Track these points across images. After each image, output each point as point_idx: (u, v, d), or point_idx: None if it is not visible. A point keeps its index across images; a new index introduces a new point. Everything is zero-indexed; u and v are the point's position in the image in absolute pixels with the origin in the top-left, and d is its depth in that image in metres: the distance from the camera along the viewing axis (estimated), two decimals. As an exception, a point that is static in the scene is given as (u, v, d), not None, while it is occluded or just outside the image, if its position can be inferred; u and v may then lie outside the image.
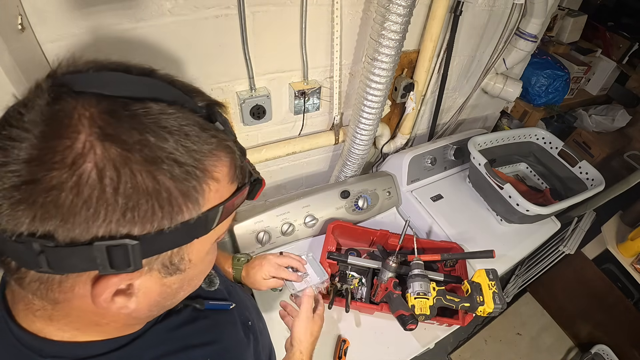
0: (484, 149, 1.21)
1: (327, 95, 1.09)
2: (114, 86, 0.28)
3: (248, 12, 0.80)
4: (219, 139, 0.32)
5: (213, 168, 0.31)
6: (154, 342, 0.42)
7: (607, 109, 1.94)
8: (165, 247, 0.31)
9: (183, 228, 0.30)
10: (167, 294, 0.36)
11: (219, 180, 0.32)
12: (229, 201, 0.34)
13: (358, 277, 0.99)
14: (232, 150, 0.34)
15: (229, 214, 0.35)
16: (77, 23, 0.67)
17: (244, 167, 0.37)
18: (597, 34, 2.07)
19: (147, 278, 0.32)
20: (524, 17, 1.16)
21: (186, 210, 0.30)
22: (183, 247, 0.32)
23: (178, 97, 0.31)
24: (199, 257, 0.36)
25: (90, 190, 0.25)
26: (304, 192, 1.13)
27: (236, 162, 0.35)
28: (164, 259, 0.32)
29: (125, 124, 0.27)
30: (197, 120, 0.31)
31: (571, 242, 1.52)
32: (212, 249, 0.39)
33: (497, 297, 0.82)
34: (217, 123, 0.33)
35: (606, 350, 1.68)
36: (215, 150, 0.32)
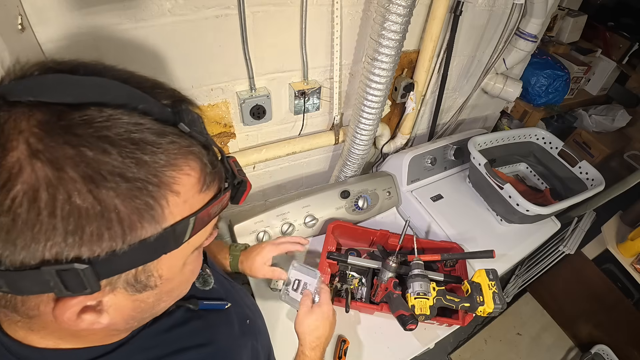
0: (484, 149, 1.21)
1: (327, 95, 1.09)
2: (52, 92, 0.25)
3: (248, 12, 0.80)
4: (180, 145, 0.29)
5: (172, 180, 0.28)
6: (142, 347, 0.40)
7: (607, 109, 1.94)
8: (124, 267, 0.29)
9: (142, 247, 0.28)
10: (142, 308, 0.34)
11: (181, 193, 0.29)
12: (202, 211, 0.31)
13: (358, 277, 0.99)
14: (199, 155, 0.31)
15: (206, 224, 0.33)
16: (77, 23, 0.67)
17: (219, 172, 0.34)
18: (597, 34, 2.07)
19: (114, 296, 0.31)
20: (524, 17, 1.16)
21: (142, 229, 0.27)
22: (150, 264, 0.30)
23: (130, 99, 0.28)
24: (173, 272, 0.34)
25: (26, 214, 0.23)
26: (304, 192, 1.13)
27: (206, 169, 0.31)
28: (128, 278, 0.30)
29: (58, 137, 0.24)
30: (152, 125, 0.28)
31: (571, 242, 1.52)
32: (193, 258, 0.37)
33: (497, 297, 0.82)
34: (181, 125, 0.29)
35: (606, 350, 1.68)
36: (175, 159, 0.28)
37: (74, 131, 0.25)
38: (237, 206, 1.29)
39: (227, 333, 0.52)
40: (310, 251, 1.06)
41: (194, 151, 0.30)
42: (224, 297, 0.56)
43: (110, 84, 0.28)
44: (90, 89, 0.27)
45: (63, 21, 0.65)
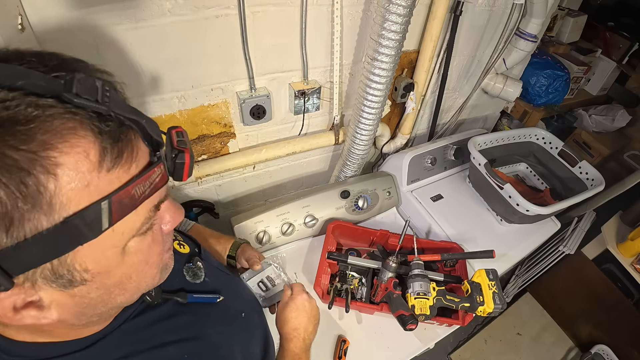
0: (484, 149, 1.21)
1: (327, 95, 1.09)
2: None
3: (248, 12, 0.80)
4: (65, 120, 0.25)
5: (52, 162, 0.25)
6: (122, 341, 0.40)
7: (607, 109, 1.94)
8: (31, 262, 0.26)
9: (39, 240, 0.25)
10: (87, 304, 0.32)
11: (65, 175, 0.25)
12: (118, 193, 0.28)
13: (358, 277, 0.99)
14: (93, 128, 0.27)
15: (132, 207, 0.29)
16: (77, 23, 0.67)
17: (132, 145, 0.30)
18: (597, 34, 2.07)
19: (46, 291, 0.29)
20: (524, 17, 1.16)
21: (29, 220, 0.24)
22: (65, 257, 0.28)
23: (7, 77, 0.25)
24: (105, 264, 0.31)
25: None
26: (304, 192, 1.13)
27: (103, 142, 0.27)
28: (45, 273, 0.27)
29: None
30: (27, 100, 0.25)
31: (571, 242, 1.52)
32: (137, 247, 0.33)
33: (497, 297, 0.82)
34: (64, 95, 0.26)
35: (606, 350, 1.68)
36: (55, 135, 0.25)
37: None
38: (239, 207, 1.30)
39: (218, 327, 0.50)
40: (311, 251, 1.06)
41: (81, 123, 0.26)
42: (217, 290, 0.55)
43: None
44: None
45: (63, 21, 0.65)
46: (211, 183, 1.16)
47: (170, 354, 0.42)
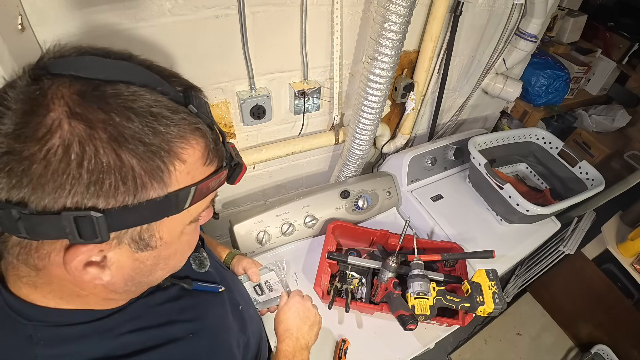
0: (484, 149, 1.21)
1: (327, 95, 1.09)
2: (89, 69, 0.30)
3: (248, 12, 0.80)
4: (189, 122, 0.33)
5: (181, 150, 0.32)
6: (134, 315, 0.43)
7: (607, 109, 1.94)
8: (132, 223, 0.32)
9: (149, 205, 0.31)
10: (140, 269, 0.37)
11: (187, 162, 0.33)
12: (202, 183, 0.35)
13: (358, 277, 0.99)
14: (204, 133, 0.35)
15: (204, 196, 0.36)
16: (77, 23, 0.67)
17: (220, 151, 0.38)
18: (597, 34, 2.07)
19: (118, 251, 0.34)
20: (524, 17, 1.16)
21: (151, 189, 0.31)
22: (153, 224, 0.34)
23: (151, 81, 0.32)
24: (172, 236, 0.37)
25: (57, 163, 0.27)
26: (304, 192, 1.13)
27: (209, 145, 0.35)
28: (133, 234, 0.33)
29: (93, 104, 0.29)
30: (168, 103, 0.32)
31: (571, 242, 1.52)
32: (190, 230, 0.40)
33: (497, 297, 0.82)
34: (190, 106, 0.34)
35: (606, 350, 1.68)
36: (184, 132, 0.33)
37: (106, 100, 0.29)
38: (239, 207, 1.30)
39: (218, 314, 0.54)
40: (311, 251, 1.07)
41: (201, 129, 0.34)
42: (218, 282, 0.58)
43: (135, 67, 0.33)
44: (120, 70, 0.32)
45: (63, 21, 0.65)
46: (211, 183, 1.16)
47: (177, 331, 0.45)
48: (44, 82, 0.29)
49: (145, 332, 0.43)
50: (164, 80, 0.34)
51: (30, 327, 0.37)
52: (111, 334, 0.41)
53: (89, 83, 0.30)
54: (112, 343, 0.40)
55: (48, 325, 0.38)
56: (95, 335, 0.40)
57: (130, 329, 0.42)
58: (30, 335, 0.37)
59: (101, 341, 0.40)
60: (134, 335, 0.42)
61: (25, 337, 0.36)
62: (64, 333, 0.38)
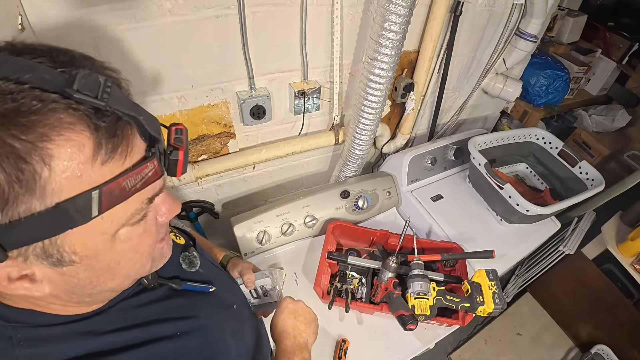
0: (484, 149, 1.22)
1: (327, 95, 1.09)
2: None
3: (248, 12, 0.80)
4: (66, 114, 0.27)
5: (48, 152, 0.27)
6: (118, 317, 0.42)
7: (607, 109, 1.94)
8: (24, 240, 0.29)
9: (32, 221, 0.27)
10: (76, 283, 0.35)
11: (67, 165, 0.28)
12: (109, 184, 0.30)
13: (358, 277, 0.99)
14: (89, 123, 0.29)
15: (122, 198, 0.31)
16: (77, 23, 0.67)
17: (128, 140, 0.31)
18: (597, 34, 2.07)
19: (38, 267, 0.31)
20: (524, 17, 1.16)
21: (24, 203, 0.27)
22: (55, 239, 0.30)
23: (14, 70, 0.27)
24: (92, 249, 0.33)
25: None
26: (304, 192, 1.13)
27: (100, 136, 0.29)
28: (36, 251, 0.30)
29: None
30: (34, 94, 0.27)
31: (571, 242, 1.52)
32: (129, 235, 0.35)
33: (497, 297, 0.82)
34: (67, 90, 0.28)
35: (606, 350, 1.68)
36: (55, 129, 0.27)
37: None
38: (239, 207, 1.30)
39: (210, 314, 0.53)
40: (311, 251, 1.07)
41: (80, 118, 0.28)
42: (210, 282, 0.57)
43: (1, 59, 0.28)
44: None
45: (63, 21, 0.65)
46: (211, 183, 1.16)
47: (164, 330, 0.44)
48: None
49: (128, 332, 0.42)
50: (43, 64, 0.29)
51: (10, 329, 0.36)
52: (92, 333, 0.40)
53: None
54: (93, 342, 0.40)
55: (28, 326, 0.37)
56: (75, 335, 0.39)
57: (112, 328, 0.41)
58: (10, 337, 0.36)
59: (82, 341, 0.39)
60: (116, 334, 0.41)
61: (6, 339, 0.36)
62: (44, 333, 0.38)
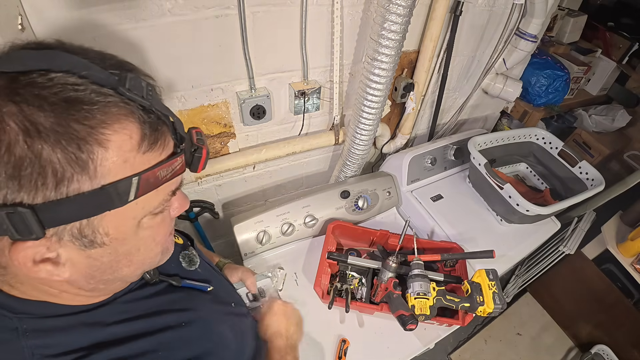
0: (484, 149, 1.22)
1: (327, 95, 1.09)
2: (11, 63, 0.30)
3: (248, 12, 0.80)
4: (118, 106, 0.31)
5: (105, 137, 0.30)
6: (122, 308, 0.44)
7: (607, 109, 1.94)
8: (65, 218, 0.31)
9: (79, 200, 0.30)
10: (98, 267, 0.37)
11: (115, 150, 0.31)
12: (146, 172, 0.33)
13: (358, 277, 0.99)
14: (138, 116, 0.32)
15: (155, 186, 0.34)
16: (77, 23, 0.67)
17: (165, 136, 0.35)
18: (597, 34, 2.07)
19: (68, 248, 0.33)
20: (524, 18, 1.16)
21: (77, 181, 0.29)
22: (93, 219, 0.32)
23: (74, 66, 0.30)
24: (122, 232, 0.35)
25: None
26: (304, 192, 1.13)
27: (145, 129, 0.33)
28: (72, 230, 0.32)
29: (5, 97, 0.28)
30: (92, 87, 0.30)
31: (571, 242, 1.52)
32: (151, 223, 0.38)
33: (497, 297, 0.82)
34: (120, 88, 0.32)
35: (606, 350, 1.68)
36: (111, 118, 0.31)
37: (18, 91, 0.28)
38: (239, 207, 1.30)
39: (209, 308, 0.54)
40: (311, 251, 1.07)
41: (132, 112, 0.32)
42: (208, 281, 0.58)
43: (57, 54, 0.31)
44: (40, 59, 0.30)
45: (63, 21, 0.65)
46: (211, 183, 1.16)
47: (168, 320, 0.46)
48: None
49: (134, 322, 0.43)
50: (95, 64, 0.32)
51: (16, 320, 0.37)
52: (98, 325, 0.41)
53: (7, 77, 0.29)
54: (99, 333, 0.40)
55: (33, 317, 0.38)
56: (81, 326, 0.40)
57: (117, 319, 0.42)
58: (16, 328, 0.37)
59: (88, 331, 0.40)
60: (122, 325, 0.42)
61: (11, 330, 0.37)
62: (50, 324, 0.38)
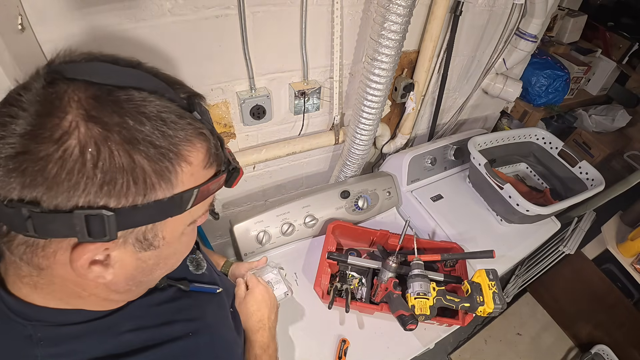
0: (484, 149, 1.22)
1: (327, 95, 1.09)
2: (101, 75, 0.32)
3: (248, 12, 0.80)
4: (195, 127, 0.35)
5: (187, 152, 0.34)
6: (134, 315, 0.44)
7: (607, 109, 1.94)
8: (139, 222, 0.33)
9: (156, 206, 0.32)
10: (142, 269, 0.38)
11: (193, 165, 0.34)
12: (204, 185, 0.36)
13: (358, 277, 0.99)
14: (207, 138, 0.36)
15: (204, 198, 0.38)
16: (77, 23, 0.67)
17: (220, 155, 0.39)
18: (597, 34, 2.07)
19: (122, 251, 0.35)
20: (524, 18, 1.16)
21: (159, 189, 0.32)
22: (157, 224, 0.35)
23: (159, 87, 0.34)
24: (174, 236, 0.38)
25: (73, 163, 0.28)
26: (304, 192, 1.13)
27: (211, 149, 0.37)
28: (138, 234, 0.34)
29: (108, 108, 0.30)
30: (176, 109, 0.34)
31: (571, 242, 1.52)
32: (189, 230, 0.41)
33: (497, 297, 0.82)
34: (194, 112, 0.36)
35: (606, 350, 1.68)
36: (190, 136, 0.34)
37: (121, 104, 0.31)
38: (239, 207, 1.30)
39: (215, 313, 0.55)
40: (311, 251, 1.06)
41: (204, 133, 0.36)
42: (214, 283, 0.59)
43: (143, 75, 0.35)
44: (129, 76, 0.33)
45: (63, 21, 0.65)
46: (211, 183, 1.15)
47: (176, 331, 0.46)
48: (59, 85, 0.30)
49: (144, 331, 0.43)
50: (170, 87, 0.35)
51: (30, 327, 0.37)
52: (111, 333, 0.41)
53: (102, 88, 0.31)
54: (112, 342, 0.41)
55: (48, 325, 0.38)
56: (95, 334, 0.40)
57: (130, 328, 0.42)
58: (30, 335, 0.37)
59: (101, 340, 0.40)
60: (134, 334, 0.42)
61: (25, 337, 0.37)
62: (64, 332, 0.38)
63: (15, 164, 0.28)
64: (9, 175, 0.28)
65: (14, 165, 0.28)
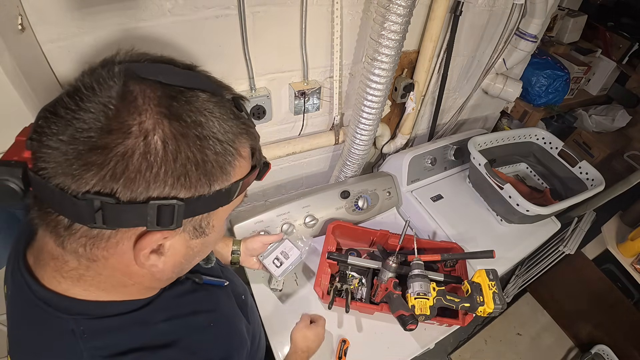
0: (484, 149, 1.21)
1: (327, 95, 1.09)
2: (166, 76, 0.34)
3: (248, 12, 0.80)
4: (246, 125, 0.38)
5: (241, 148, 0.37)
6: (165, 306, 0.46)
7: (607, 109, 1.94)
8: (201, 211, 0.36)
9: (215, 196, 0.35)
10: (189, 256, 0.41)
11: (244, 158, 0.38)
12: (247, 177, 0.39)
13: (358, 277, 0.99)
14: (254, 135, 0.40)
15: (245, 189, 0.41)
16: (77, 23, 0.67)
17: (259, 151, 0.43)
18: (597, 34, 2.07)
19: (177, 239, 0.37)
20: (524, 18, 1.16)
21: (220, 181, 0.35)
22: (211, 212, 0.38)
23: (215, 89, 0.37)
24: (219, 225, 0.41)
25: (155, 158, 0.30)
26: (304, 192, 1.13)
27: (255, 145, 0.41)
28: (196, 222, 0.37)
29: (185, 106, 0.33)
30: (231, 108, 0.37)
31: (571, 242, 1.52)
32: (224, 222, 0.43)
33: (497, 297, 0.82)
34: (242, 112, 0.39)
35: (606, 350, 1.68)
36: (243, 133, 0.38)
37: (193, 104, 0.33)
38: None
39: (227, 305, 0.59)
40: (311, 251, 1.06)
41: (252, 131, 0.40)
42: (221, 276, 0.61)
43: (201, 76, 0.37)
44: (192, 78, 0.36)
45: (63, 21, 0.65)
46: (211, 183, 1.16)
47: (200, 321, 0.49)
48: (135, 84, 0.32)
49: (175, 321, 0.45)
50: (221, 89, 0.38)
51: (72, 321, 0.38)
52: (148, 323, 0.43)
53: (175, 88, 0.33)
54: (149, 332, 0.42)
55: (90, 317, 0.39)
56: (134, 325, 0.42)
57: (163, 317, 0.44)
58: (72, 330, 0.38)
59: (140, 331, 0.42)
60: (167, 323, 0.44)
61: (68, 332, 0.37)
62: (105, 324, 0.40)
63: (94, 157, 0.29)
64: (87, 169, 0.29)
65: (92, 159, 0.29)
